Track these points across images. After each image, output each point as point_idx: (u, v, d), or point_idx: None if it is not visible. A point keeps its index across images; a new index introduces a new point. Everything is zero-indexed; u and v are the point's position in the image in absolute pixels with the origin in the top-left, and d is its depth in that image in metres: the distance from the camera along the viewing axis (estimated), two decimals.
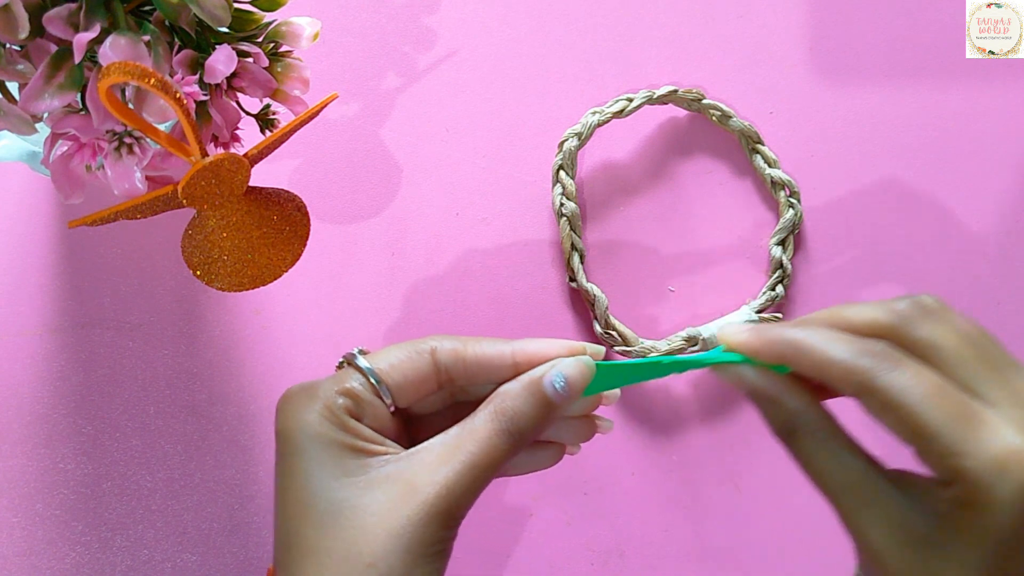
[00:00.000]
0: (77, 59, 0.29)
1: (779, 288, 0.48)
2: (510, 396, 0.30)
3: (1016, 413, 0.26)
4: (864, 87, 0.51)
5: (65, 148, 0.32)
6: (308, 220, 0.37)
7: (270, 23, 0.35)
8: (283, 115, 0.38)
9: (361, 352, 0.31)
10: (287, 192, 0.37)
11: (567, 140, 0.48)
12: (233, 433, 0.46)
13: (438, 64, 0.50)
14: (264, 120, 0.38)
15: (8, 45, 0.31)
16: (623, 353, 0.46)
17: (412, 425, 0.32)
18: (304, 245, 0.37)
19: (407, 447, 0.30)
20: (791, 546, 0.46)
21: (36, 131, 0.32)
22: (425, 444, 0.29)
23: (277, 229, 0.36)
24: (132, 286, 0.47)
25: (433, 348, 0.31)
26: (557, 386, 0.30)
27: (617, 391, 0.32)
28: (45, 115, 0.33)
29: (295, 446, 0.29)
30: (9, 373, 0.45)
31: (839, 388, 0.27)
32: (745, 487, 0.47)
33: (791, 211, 0.48)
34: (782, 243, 0.48)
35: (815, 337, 0.27)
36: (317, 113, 0.36)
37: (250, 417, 0.46)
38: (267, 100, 0.37)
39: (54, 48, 0.30)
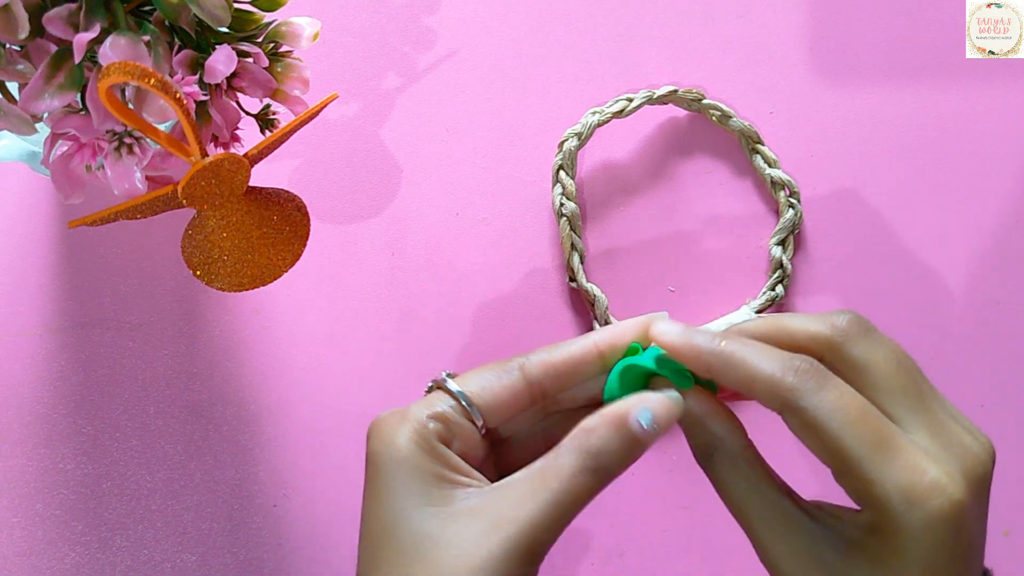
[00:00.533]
0: (77, 59, 0.29)
1: (779, 288, 0.48)
2: (595, 434, 0.29)
3: (933, 444, 0.26)
4: (864, 87, 0.51)
5: (65, 148, 0.32)
6: (308, 220, 0.37)
7: (270, 23, 0.35)
8: (283, 115, 0.38)
9: (450, 376, 0.31)
10: (287, 192, 0.37)
11: (567, 140, 0.48)
12: (233, 433, 0.46)
13: (438, 64, 0.50)
14: (264, 120, 0.38)
15: (8, 45, 0.31)
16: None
17: (501, 448, 0.32)
18: (304, 245, 0.37)
19: (494, 472, 0.30)
20: None
21: (36, 131, 0.32)
22: (510, 478, 0.29)
23: (277, 229, 0.36)
24: (132, 286, 0.47)
25: (521, 364, 0.30)
26: (644, 424, 0.29)
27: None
28: (45, 115, 0.33)
29: (382, 470, 0.29)
30: (9, 373, 0.45)
31: (763, 403, 0.27)
32: None
33: (791, 211, 0.48)
34: (782, 243, 0.48)
35: (744, 350, 0.27)
36: (317, 113, 0.36)
37: (250, 417, 0.46)
38: (267, 100, 0.37)
39: (54, 48, 0.30)
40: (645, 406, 0.29)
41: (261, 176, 0.37)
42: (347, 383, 0.47)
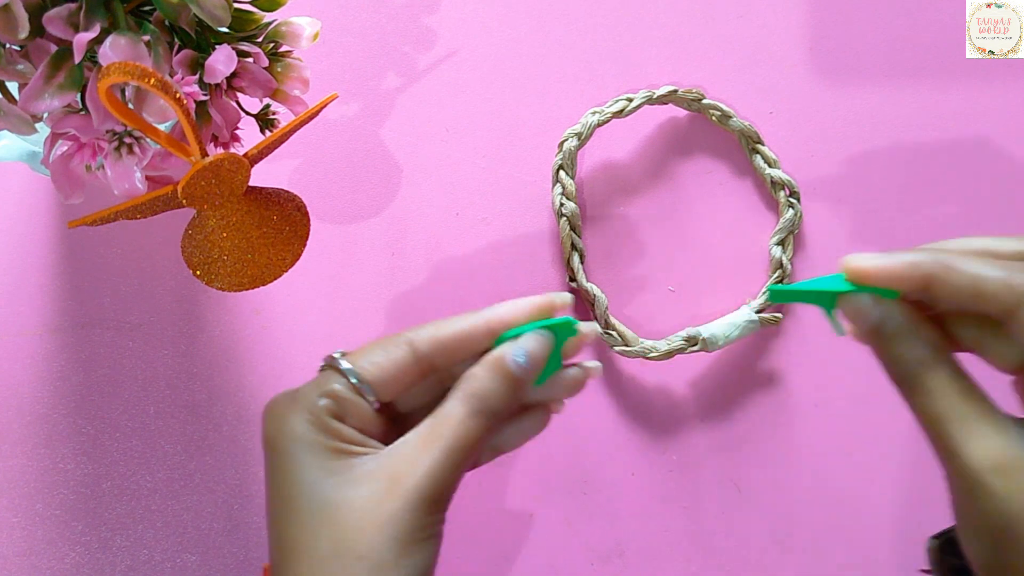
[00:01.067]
0: (77, 59, 0.29)
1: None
2: (477, 378, 0.30)
3: None
4: (864, 87, 0.51)
5: (65, 148, 0.32)
6: (308, 220, 0.37)
7: (270, 23, 0.35)
8: (283, 115, 0.38)
9: (343, 354, 0.32)
10: (287, 192, 0.37)
11: (567, 140, 0.48)
12: (233, 433, 0.46)
13: (438, 64, 0.50)
14: (264, 120, 0.38)
15: (8, 45, 0.31)
16: (622, 353, 0.46)
17: (401, 423, 0.33)
18: (304, 245, 0.37)
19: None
20: (791, 546, 0.46)
21: (36, 131, 0.32)
22: (404, 437, 0.30)
23: (277, 229, 0.36)
24: (132, 286, 0.47)
25: (410, 339, 0.31)
26: (520, 361, 0.30)
27: (599, 365, 0.33)
28: (45, 115, 0.33)
29: (280, 451, 0.30)
30: (9, 373, 0.45)
31: (988, 306, 0.26)
32: (745, 487, 0.47)
33: (791, 211, 0.48)
34: (782, 243, 0.48)
35: (960, 259, 0.27)
36: (317, 113, 0.36)
37: (250, 417, 0.46)
38: (267, 100, 0.37)
39: (54, 48, 0.30)
40: (518, 345, 0.31)
41: (261, 176, 0.37)
42: None
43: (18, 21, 0.29)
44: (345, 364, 0.31)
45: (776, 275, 0.48)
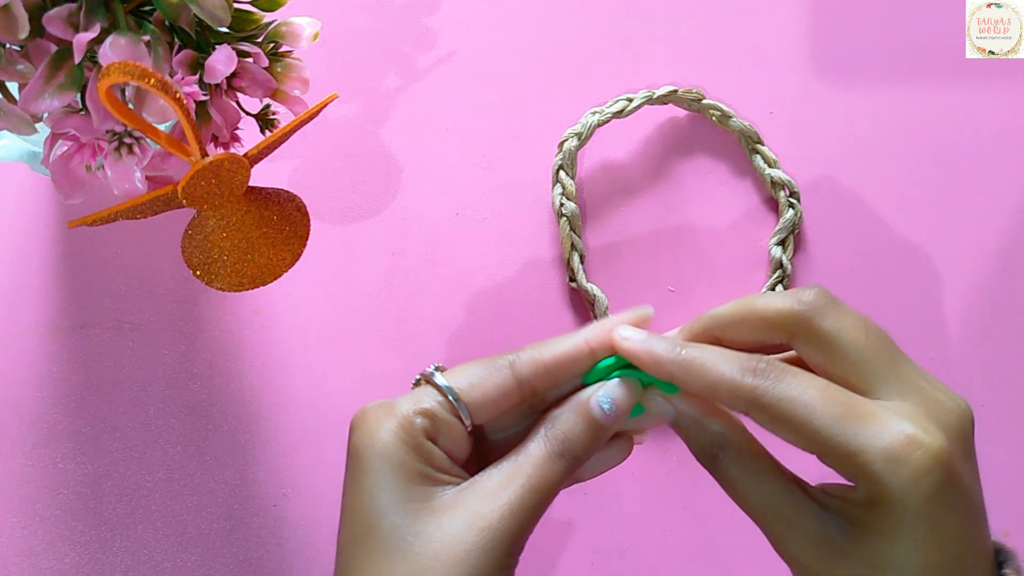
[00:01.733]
0: (77, 59, 0.29)
1: (779, 288, 0.48)
2: (561, 420, 0.30)
3: (904, 405, 0.26)
4: (864, 87, 0.51)
5: (65, 148, 0.32)
6: (308, 220, 0.37)
7: (270, 23, 0.35)
8: (283, 115, 0.38)
9: (438, 369, 0.31)
10: (287, 192, 0.37)
11: (567, 140, 0.48)
12: (233, 433, 0.46)
13: (438, 64, 0.50)
14: (264, 120, 0.38)
15: (8, 45, 0.31)
16: None
17: (486, 450, 0.32)
18: (304, 245, 0.37)
19: (479, 470, 0.30)
20: None
21: (36, 131, 0.32)
22: (484, 472, 0.29)
23: (277, 229, 0.36)
24: (132, 286, 0.47)
25: (511, 361, 0.30)
26: (605, 408, 0.30)
27: (671, 408, 0.32)
28: (45, 115, 0.33)
29: (365, 463, 0.29)
30: (9, 373, 0.45)
31: (729, 406, 0.28)
32: None
33: (791, 211, 0.48)
34: (782, 243, 0.48)
35: (703, 356, 0.28)
36: (317, 113, 0.36)
37: (250, 417, 0.46)
38: (267, 100, 0.37)
39: (54, 48, 0.30)
40: (605, 391, 0.30)
41: (261, 176, 0.37)
42: (347, 383, 0.47)
43: (18, 21, 0.29)
44: (443, 382, 0.30)
45: (776, 275, 0.48)
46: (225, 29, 0.33)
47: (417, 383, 0.32)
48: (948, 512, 0.25)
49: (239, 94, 0.35)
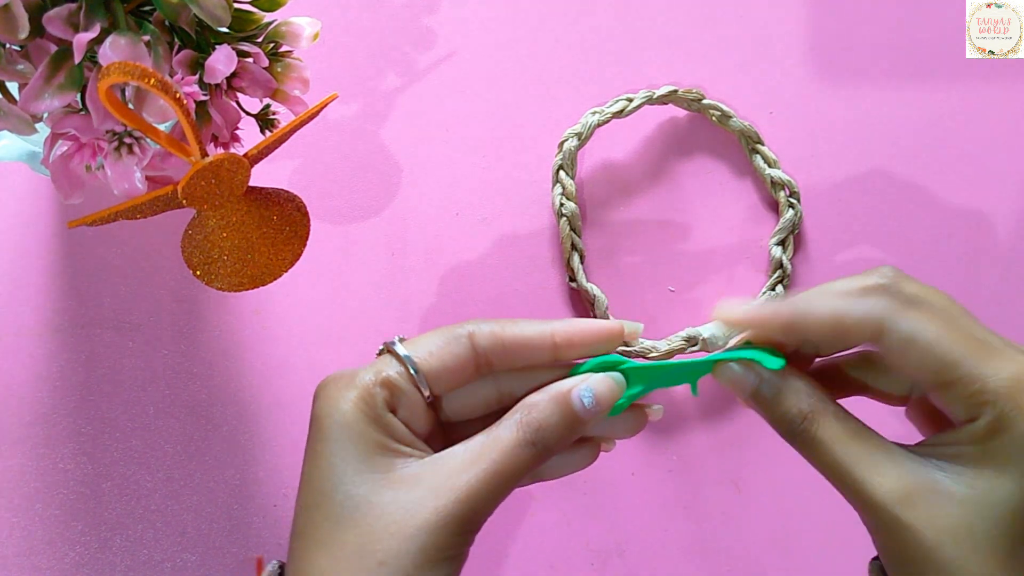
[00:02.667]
0: (77, 59, 0.29)
1: (779, 288, 0.48)
2: (537, 408, 0.29)
3: (1013, 349, 0.27)
4: (864, 87, 0.51)
5: (65, 148, 0.32)
6: (308, 220, 0.37)
7: (270, 23, 0.35)
8: (283, 115, 0.38)
9: (400, 340, 0.31)
10: (287, 192, 0.37)
11: (567, 140, 0.48)
12: (233, 433, 0.46)
13: (438, 64, 0.50)
14: (264, 120, 0.38)
15: (8, 45, 0.31)
16: (622, 353, 0.46)
17: (449, 431, 0.32)
18: (304, 245, 0.37)
19: (440, 449, 0.30)
20: (791, 546, 0.46)
21: (36, 131, 0.32)
22: (450, 449, 0.29)
23: (277, 229, 0.36)
24: (132, 286, 0.47)
25: (471, 332, 0.30)
26: (585, 402, 0.29)
27: (660, 408, 0.32)
28: (45, 115, 0.33)
29: (325, 433, 0.29)
30: (9, 373, 0.45)
31: (854, 338, 0.28)
32: (745, 487, 0.47)
33: (791, 211, 0.48)
34: (782, 243, 0.48)
35: (820, 298, 0.28)
36: (317, 113, 0.36)
37: (250, 417, 0.46)
38: (267, 100, 0.37)
39: (54, 48, 0.30)
40: (588, 384, 0.29)
41: (261, 176, 0.37)
42: None
43: (18, 21, 0.29)
44: (403, 350, 0.30)
45: (776, 275, 0.48)
46: (225, 29, 0.33)
47: (380, 352, 0.31)
48: None
49: (239, 94, 0.35)
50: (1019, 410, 0.25)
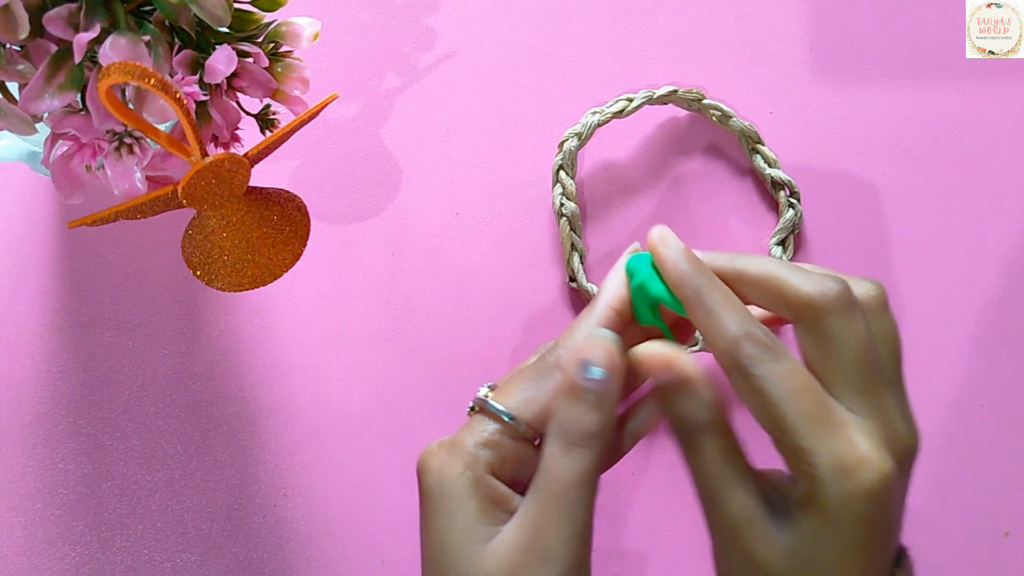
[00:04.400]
0: (77, 59, 0.29)
1: None
2: (559, 412, 0.29)
3: (875, 427, 0.27)
4: (864, 87, 0.51)
5: (65, 148, 0.32)
6: (308, 220, 0.37)
7: (270, 23, 0.35)
8: (283, 115, 0.38)
9: (490, 388, 0.31)
10: (287, 192, 0.37)
11: (567, 140, 0.48)
12: (233, 433, 0.46)
13: (438, 64, 0.50)
14: (264, 120, 0.38)
15: (8, 45, 0.31)
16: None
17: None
18: (304, 245, 0.37)
19: None
20: None
21: (36, 131, 0.32)
22: (523, 503, 0.29)
23: (277, 229, 0.36)
24: (132, 286, 0.47)
25: (556, 362, 0.30)
26: (593, 376, 0.29)
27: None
28: (45, 115, 0.33)
29: (437, 507, 0.29)
30: (9, 373, 0.45)
31: (716, 359, 0.28)
32: None
33: (791, 211, 0.48)
34: (782, 243, 0.48)
35: (719, 303, 0.28)
36: (317, 113, 0.36)
37: (250, 417, 0.46)
38: (267, 100, 0.37)
39: (54, 48, 0.30)
40: (588, 364, 0.29)
41: (261, 176, 0.37)
42: (347, 383, 0.47)
43: (18, 21, 0.29)
44: (499, 407, 0.29)
45: None
46: (225, 29, 0.33)
47: (472, 410, 0.31)
48: (874, 532, 0.26)
49: (239, 94, 0.35)
50: (832, 492, 0.26)
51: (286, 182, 0.48)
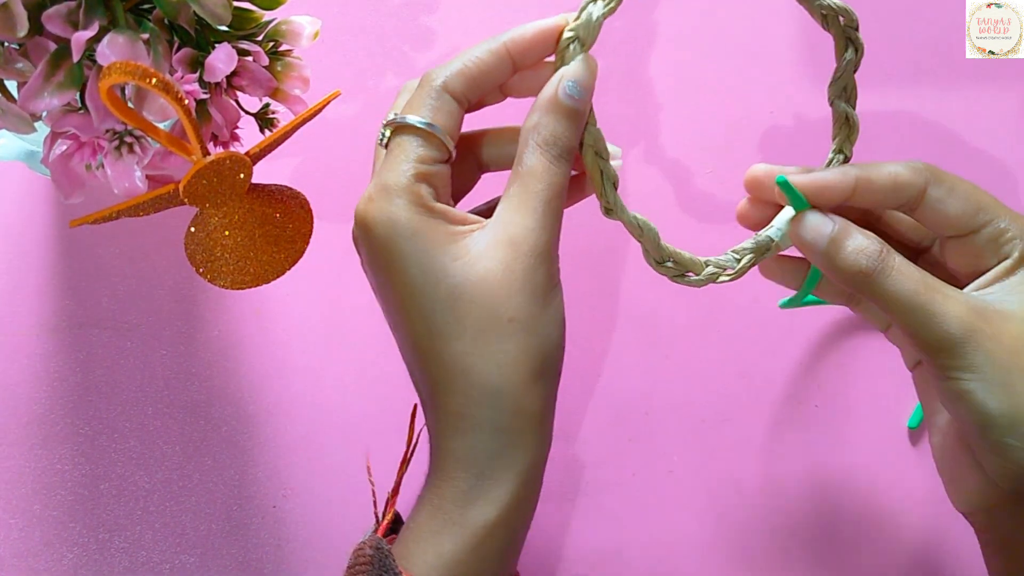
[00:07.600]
0: (76, 58, 0.29)
1: (846, 149, 0.41)
2: (543, 125, 0.32)
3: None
4: (864, 87, 0.51)
5: (65, 147, 0.32)
6: (311, 217, 0.37)
7: (270, 22, 0.35)
8: (282, 114, 0.38)
9: (395, 115, 0.32)
10: (290, 189, 0.37)
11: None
12: (232, 433, 0.46)
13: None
14: (264, 119, 0.38)
15: (7, 43, 0.31)
16: (689, 284, 0.36)
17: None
18: (307, 242, 0.37)
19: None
20: (791, 546, 0.46)
21: (35, 130, 0.32)
22: (500, 206, 0.31)
23: (280, 227, 0.36)
24: (131, 286, 0.47)
25: (444, 84, 0.32)
26: (573, 92, 0.32)
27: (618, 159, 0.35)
28: (44, 114, 0.33)
29: (397, 255, 0.31)
30: (7, 373, 0.45)
31: (907, 193, 0.33)
32: (745, 488, 0.47)
33: (851, 48, 0.38)
34: (844, 91, 0.40)
35: (874, 166, 0.34)
36: (320, 111, 0.36)
37: (249, 417, 0.46)
38: (266, 99, 0.37)
39: (53, 46, 0.30)
40: (566, 78, 0.32)
41: (261, 176, 0.37)
42: (347, 383, 0.47)
43: (17, 19, 0.29)
44: (417, 119, 0.32)
45: (842, 133, 0.41)
46: (225, 27, 0.33)
47: (381, 140, 0.33)
48: None
49: (239, 93, 0.35)
50: None
51: (286, 181, 0.48)
